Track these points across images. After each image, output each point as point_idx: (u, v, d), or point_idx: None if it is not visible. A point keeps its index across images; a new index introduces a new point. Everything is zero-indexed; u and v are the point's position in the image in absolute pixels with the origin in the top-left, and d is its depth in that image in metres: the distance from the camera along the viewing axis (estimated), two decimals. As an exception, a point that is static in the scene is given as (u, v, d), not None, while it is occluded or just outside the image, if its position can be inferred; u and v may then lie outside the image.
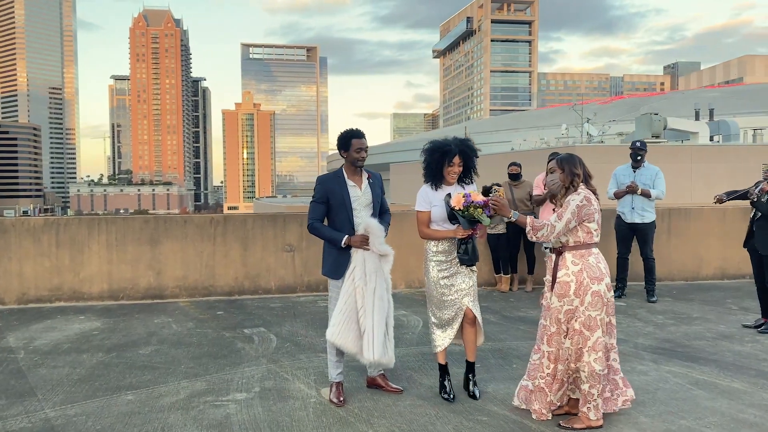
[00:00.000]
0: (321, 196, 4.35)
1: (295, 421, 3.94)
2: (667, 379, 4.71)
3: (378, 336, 4.19)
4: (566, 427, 3.78)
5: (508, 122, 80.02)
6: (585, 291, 3.74)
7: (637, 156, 7.62)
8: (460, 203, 3.90)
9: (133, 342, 5.86)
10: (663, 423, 3.86)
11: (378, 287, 4.24)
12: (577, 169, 3.89)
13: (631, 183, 7.50)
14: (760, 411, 4.05)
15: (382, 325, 4.23)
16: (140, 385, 4.62)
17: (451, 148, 4.13)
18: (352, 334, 4.22)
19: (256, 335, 6.08)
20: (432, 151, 4.19)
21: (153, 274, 7.87)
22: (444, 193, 4.20)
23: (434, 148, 4.18)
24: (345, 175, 4.36)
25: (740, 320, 6.66)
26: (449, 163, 4.14)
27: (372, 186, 4.40)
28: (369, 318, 4.21)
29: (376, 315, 4.21)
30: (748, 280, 9.34)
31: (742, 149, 33.34)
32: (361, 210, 4.34)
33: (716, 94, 72.06)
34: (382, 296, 4.25)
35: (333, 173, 4.42)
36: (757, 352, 5.47)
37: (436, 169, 4.19)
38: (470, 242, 4.06)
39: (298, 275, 8.27)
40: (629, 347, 5.57)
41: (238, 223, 8.14)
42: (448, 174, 4.18)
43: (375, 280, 4.24)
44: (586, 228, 3.82)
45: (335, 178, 4.37)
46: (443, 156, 4.14)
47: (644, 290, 7.85)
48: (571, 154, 3.97)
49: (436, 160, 4.17)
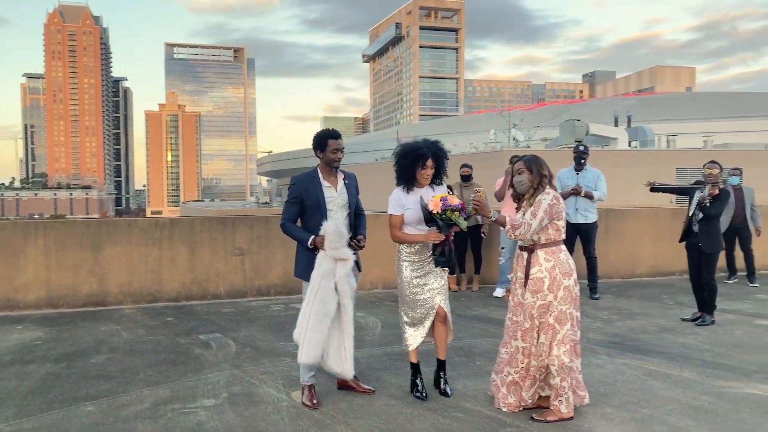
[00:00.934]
0: (295, 196, 4.30)
1: (271, 426, 3.88)
2: (623, 371, 4.94)
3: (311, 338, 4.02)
4: (540, 419, 3.90)
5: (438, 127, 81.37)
6: (558, 286, 3.89)
7: (581, 159, 7.95)
8: (438, 207, 3.96)
9: (82, 351, 5.59)
10: (627, 412, 4.05)
11: (322, 289, 4.09)
12: (544, 170, 4.03)
13: (575, 185, 7.81)
14: (713, 398, 4.31)
15: (320, 330, 4.04)
16: (99, 395, 4.42)
17: (424, 152, 4.17)
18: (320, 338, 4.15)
19: (212, 341, 5.93)
20: (405, 154, 4.22)
21: (95, 280, 7.53)
22: (416, 195, 4.24)
23: (407, 151, 4.22)
24: (320, 175, 4.33)
25: (678, 314, 7.06)
26: (422, 166, 4.19)
27: (348, 186, 4.39)
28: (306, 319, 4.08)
29: (312, 317, 4.06)
30: (678, 276, 9.93)
31: (658, 154, 35.34)
32: (337, 211, 4.32)
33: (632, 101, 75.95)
34: (324, 300, 4.08)
35: (308, 173, 4.37)
36: (698, 343, 5.81)
37: (410, 172, 4.23)
38: (447, 244, 4.12)
39: (249, 279, 8.12)
40: (582, 342, 5.76)
41: (186, 227, 7.91)
42: (421, 176, 4.23)
43: (319, 283, 4.11)
44: (556, 225, 3.97)
45: (310, 178, 4.33)
46: (417, 159, 4.18)
47: (587, 288, 8.18)
48: (536, 156, 4.10)
49: (410, 163, 4.20)
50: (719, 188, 6.34)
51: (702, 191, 6.35)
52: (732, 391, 4.46)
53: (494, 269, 9.12)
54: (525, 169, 4.02)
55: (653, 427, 3.79)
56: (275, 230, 8.18)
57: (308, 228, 4.28)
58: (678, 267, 10.02)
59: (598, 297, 8.00)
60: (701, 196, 6.29)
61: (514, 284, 4.12)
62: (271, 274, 8.21)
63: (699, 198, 6.30)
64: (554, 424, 3.85)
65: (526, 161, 4.05)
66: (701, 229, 6.38)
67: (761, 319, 6.84)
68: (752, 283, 9.15)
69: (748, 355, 5.40)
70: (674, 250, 9.95)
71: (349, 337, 4.15)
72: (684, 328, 6.40)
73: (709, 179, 6.41)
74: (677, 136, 44.47)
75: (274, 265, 8.20)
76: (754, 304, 7.71)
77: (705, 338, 5.99)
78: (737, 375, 4.83)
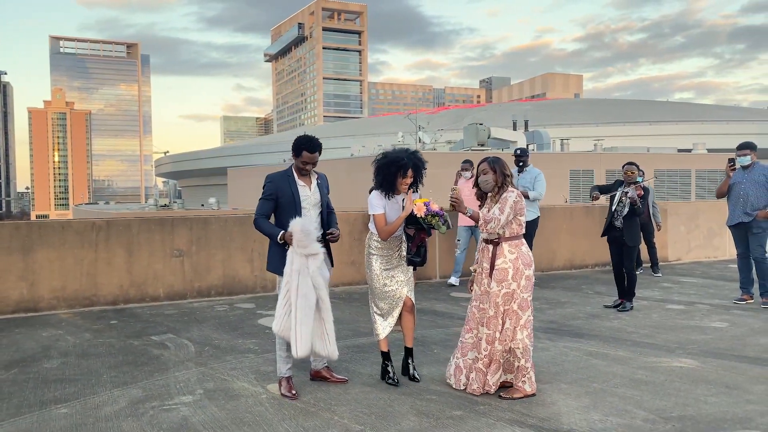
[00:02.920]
0: (271, 193, 4.42)
1: (257, 417, 4.00)
2: (566, 353, 5.43)
3: (302, 333, 4.28)
4: (507, 397, 4.27)
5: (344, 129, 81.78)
6: (520, 275, 4.27)
7: (519, 162, 8.58)
8: (422, 211, 4.24)
9: (30, 357, 5.39)
10: (581, 387, 4.51)
11: (302, 285, 4.32)
12: (506, 170, 4.42)
13: None
14: (648, 371, 4.87)
15: (308, 323, 4.29)
16: (68, 398, 4.33)
17: (405, 162, 4.42)
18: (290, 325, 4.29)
19: (168, 341, 5.89)
20: (388, 164, 4.42)
21: (26, 286, 7.19)
22: (395, 201, 4.49)
23: (390, 161, 4.42)
24: (295, 175, 4.49)
25: (600, 302, 7.75)
26: (403, 176, 4.44)
27: (320, 186, 4.58)
28: (293, 316, 4.34)
29: (299, 312, 4.29)
30: (591, 269, 10.79)
31: (554, 156, 37.51)
32: (310, 209, 4.49)
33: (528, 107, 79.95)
34: (306, 294, 4.30)
35: (284, 172, 4.51)
36: (624, 326, 6.46)
37: (392, 180, 4.46)
38: (423, 246, 4.42)
39: (188, 281, 8.03)
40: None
41: (123, 228, 7.71)
42: (401, 185, 4.47)
43: (298, 279, 4.34)
44: (519, 221, 4.36)
45: (286, 177, 4.47)
46: (399, 169, 4.42)
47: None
48: (498, 157, 4.47)
49: (392, 173, 4.42)
50: (642, 187, 7.05)
51: (626, 190, 7.03)
52: (662, 365, 5.05)
53: (429, 265, 9.55)
54: (489, 170, 4.38)
55: (606, 398, 4.26)
56: (215, 231, 8.18)
57: (282, 224, 4.43)
58: (591, 260, 10.90)
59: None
60: (632, 197, 6.94)
61: (480, 275, 4.46)
62: (211, 275, 8.16)
63: (630, 198, 6.96)
64: (521, 400, 4.23)
65: (489, 162, 4.40)
66: (625, 224, 7.07)
67: (671, 304, 7.65)
68: (656, 273, 10.13)
69: (667, 334, 6.08)
70: (588, 245, 10.83)
71: (329, 323, 4.38)
72: (608, 314, 7.06)
73: (630, 179, 7.11)
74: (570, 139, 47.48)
75: (214, 266, 8.17)
76: (662, 292, 8.58)
77: (628, 322, 6.65)
78: (663, 351, 5.46)
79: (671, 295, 8.28)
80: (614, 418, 3.91)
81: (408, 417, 3.95)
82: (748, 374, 4.78)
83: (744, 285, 7.76)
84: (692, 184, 36.01)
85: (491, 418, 3.93)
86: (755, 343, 5.72)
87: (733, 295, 7.99)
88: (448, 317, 6.93)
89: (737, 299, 7.72)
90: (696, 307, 7.48)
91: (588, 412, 4.00)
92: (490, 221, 4.21)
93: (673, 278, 9.82)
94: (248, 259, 8.32)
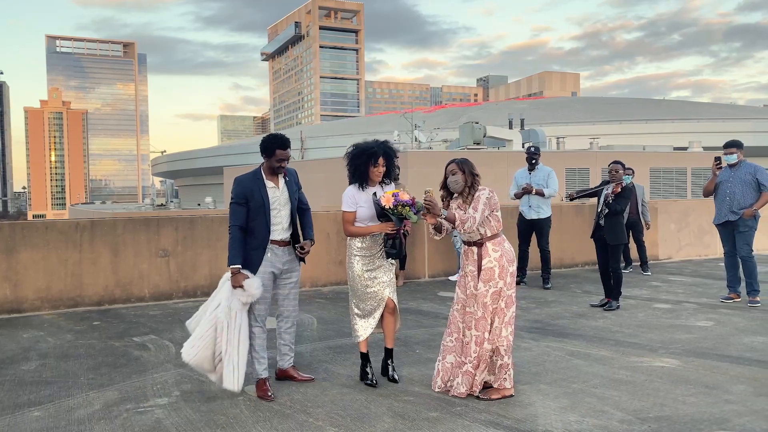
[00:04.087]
0: (241, 197, 4.35)
1: (231, 419, 3.96)
2: (548, 353, 5.41)
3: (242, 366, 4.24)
4: (485, 398, 4.24)
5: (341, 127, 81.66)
6: (505, 273, 4.25)
7: (532, 160, 8.59)
8: (390, 202, 4.20)
9: (8, 358, 5.35)
10: (560, 388, 4.48)
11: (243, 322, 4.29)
12: (475, 170, 4.39)
13: (526, 185, 8.49)
14: (629, 371, 4.85)
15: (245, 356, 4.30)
16: (42, 401, 4.30)
17: (375, 150, 4.41)
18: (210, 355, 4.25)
19: (149, 343, 5.85)
20: (359, 153, 4.42)
21: (9, 286, 7.15)
22: (369, 192, 4.46)
23: (360, 151, 4.43)
24: (263, 175, 4.44)
25: (587, 301, 7.72)
26: (374, 164, 4.42)
27: (288, 184, 4.52)
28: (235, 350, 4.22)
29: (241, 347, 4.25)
30: (581, 267, 10.77)
31: (549, 155, 37.39)
32: (281, 209, 4.46)
33: (524, 105, 79.83)
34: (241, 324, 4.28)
35: (252, 173, 4.45)
36: (609, 326, 6.43)
37: (363, 170, 4.44)
38: (398, 237, 4.37)
39: (174, 281, 8.00)
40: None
41: (108, 228, 7.67)
42: (373, 174, 4.45)
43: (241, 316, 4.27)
44: (496, 217, 4.33)
45: (254, 179, 4.41)
46: (369, 158, 4.40)
47: (540, 278, 8.93)
48: (466, 158, 4.43)
49: (363, 162, 4.41)
50: (622, 186, 7.02)
51: (607, 189, 7.02)
52: (644, 365, 5.03)
53: (418, 265, 9.52)
54: (458, 170, 4.35)
55: (584, 399, 4.23)
56: (201, 231, 8.14)
57: (250, 227, 4.36)
58: (580, 259, 10.88)
59: (550, 287, 8.68)
60: (606, 194, 6.95)
61: (465, 277, 4.42)
62: (197, 275, 8.13)
63: (604, 195, 6.96)
64: (498, 401, 4.21)
65: (458, 163, 4.36)
66: (606, 224, 7.05)
67: (658, 303, 7.63)
68: (645, 271, 10.11)
69: (652, 334, 6.06)
70: (577, 244, 10.81)
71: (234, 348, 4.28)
72: (594, 313, 7.03)
73: (614, 178, 7.10)
74: (566, 138, 47.45)
75: (200, 266, 8.13)
76: (650, 290, 8.56)
77: (614, 321, 6.63)
78: (646, 351, 5.43)
79: (659, 294, 8.26)
80: (591, 419, 3.88)
81: (383, 419, 3.92)
82: (729, 374, 4.76)
83: (731, 284, 7.74)
84: (688, 182, 36.02)
85: (467, 419, 3.90)
86: (739, 342, 5.70)
87: (721, 294, 7.97)
88: (433, 317, 6.90)
89: (724, 298, 7.70)
90: (683, 306, 7.46)
91: (565, 413, 3.97)
92: (467, 221, 4.18)
93: (662, 277, 9.80)
94: (235, 259, 8.27)
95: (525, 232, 8.87)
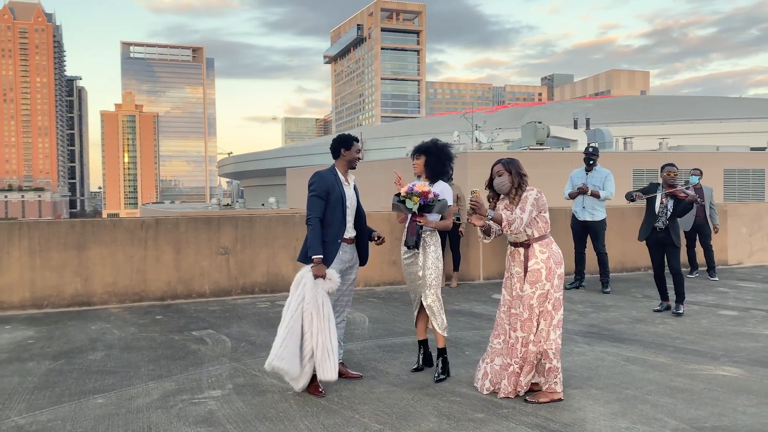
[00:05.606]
0: (322, 190, 4.45)
1: (280, 413, 4.07)
2: (603, 358, 5.28)
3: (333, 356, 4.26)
4: (532, 401, 4.18)
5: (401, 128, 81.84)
6: (553, 275, 4.19)
7: (590, 161, 8.43)
8: (404, 190, 4.39)
9: (78, 348, 5.66)
10: (612, 393, 4.37)
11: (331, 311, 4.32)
12: (522, 170, 4.33)
13: (582, 185, 8.32)
14: (687, 379, 4.68)
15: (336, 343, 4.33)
16: (105, 389, 4.53)
17: (419, 146, 4.62)
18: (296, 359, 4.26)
19: (207, 337, 6.06)
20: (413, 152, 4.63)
21: (80, 281, 7.55)
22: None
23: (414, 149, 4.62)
24: (339, 174, 4.58)
25: (647, 306, 7.48)
26: (414, 159, 4.64)
27: (355, 189, 4.68)
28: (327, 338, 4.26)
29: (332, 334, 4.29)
30: (642, 272, 10.43)
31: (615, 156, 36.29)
32: (351, 208, 4.60)
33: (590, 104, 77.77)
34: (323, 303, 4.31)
35: (329, 170, 4.60)
36: (669, 332, 6.21)
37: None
38: (417, 226, 4.48)
39: (233, 278, 8.24)
40: (563, 333, 6.13)
41: (171, 227, 7.98)
42: (413, 167, 4.64)
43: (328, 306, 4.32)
44: (544, 218, 4.27)
45: (332, 175, 4.56)
46: (413, 154, 4.62)
47: (599, 282, 8.74)
48: (513, 158, 4.37)
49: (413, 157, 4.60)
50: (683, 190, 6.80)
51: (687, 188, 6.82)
52: (703, 373, 4.84)
53: (472, 266, 9.46)
54: (504, 171, 4.30)
55: (636, 406, 4.12)
56: (259, 230, 8.35)
57: (327, 221, 4.45)
58: (642, 263, 10.54)
59: (609, 291, 8.47)
60: (692, 196, 6.74)
61: (511, 279, 4.38)
62: (255, 273, 8.34)
63: (690, 197, 6.75)
64: (546, 405, 4.14)
65: (504, 164, 4.31)
66: (670, 226, 6.84)
67: (723, 310, 7.31)
68: (712, 277, 9.69)
69: (714, 341, 5.82)
70: (638, 247, 10.45)
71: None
72: (654, 319, 6.81)
73: (671, 180, 6.89)
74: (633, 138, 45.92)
75: (258, 264, 8.34)
76: (716, 297, 8.21)
77: (674, 327, 6.40)
78: (707, 359, 5.22)
79: (726, 300, 7.91)
80: (642, 426, 3.77)
81: (429, 418, 3.93)
82: (797, 385, 4.52)
83: (805, 291, 7.33)
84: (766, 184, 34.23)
85: (513, 421, 3.86)
86: (810, 353, 5.40)
87: (794, 302, 7.57)
88: (486, 319, 6.84)
89: (797, 306, 7.31)
90: (750, 313, 7.12)
91: (615, 419, 3.87)
92: (513, 221, 4.13)
93: (730, 282, 9.37)
94: (291, 258, 8.45)
95: (579, 233, 8.68)
